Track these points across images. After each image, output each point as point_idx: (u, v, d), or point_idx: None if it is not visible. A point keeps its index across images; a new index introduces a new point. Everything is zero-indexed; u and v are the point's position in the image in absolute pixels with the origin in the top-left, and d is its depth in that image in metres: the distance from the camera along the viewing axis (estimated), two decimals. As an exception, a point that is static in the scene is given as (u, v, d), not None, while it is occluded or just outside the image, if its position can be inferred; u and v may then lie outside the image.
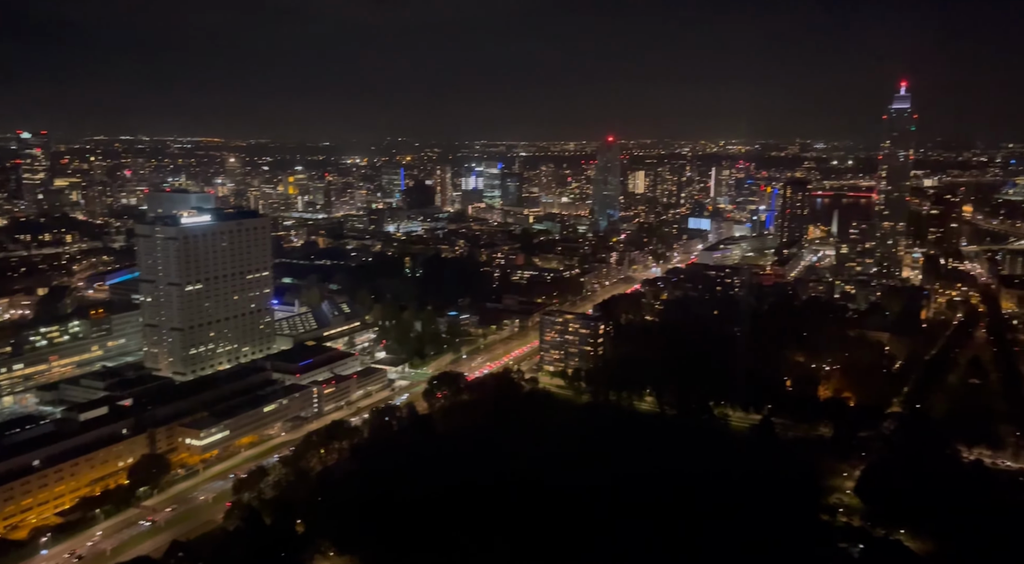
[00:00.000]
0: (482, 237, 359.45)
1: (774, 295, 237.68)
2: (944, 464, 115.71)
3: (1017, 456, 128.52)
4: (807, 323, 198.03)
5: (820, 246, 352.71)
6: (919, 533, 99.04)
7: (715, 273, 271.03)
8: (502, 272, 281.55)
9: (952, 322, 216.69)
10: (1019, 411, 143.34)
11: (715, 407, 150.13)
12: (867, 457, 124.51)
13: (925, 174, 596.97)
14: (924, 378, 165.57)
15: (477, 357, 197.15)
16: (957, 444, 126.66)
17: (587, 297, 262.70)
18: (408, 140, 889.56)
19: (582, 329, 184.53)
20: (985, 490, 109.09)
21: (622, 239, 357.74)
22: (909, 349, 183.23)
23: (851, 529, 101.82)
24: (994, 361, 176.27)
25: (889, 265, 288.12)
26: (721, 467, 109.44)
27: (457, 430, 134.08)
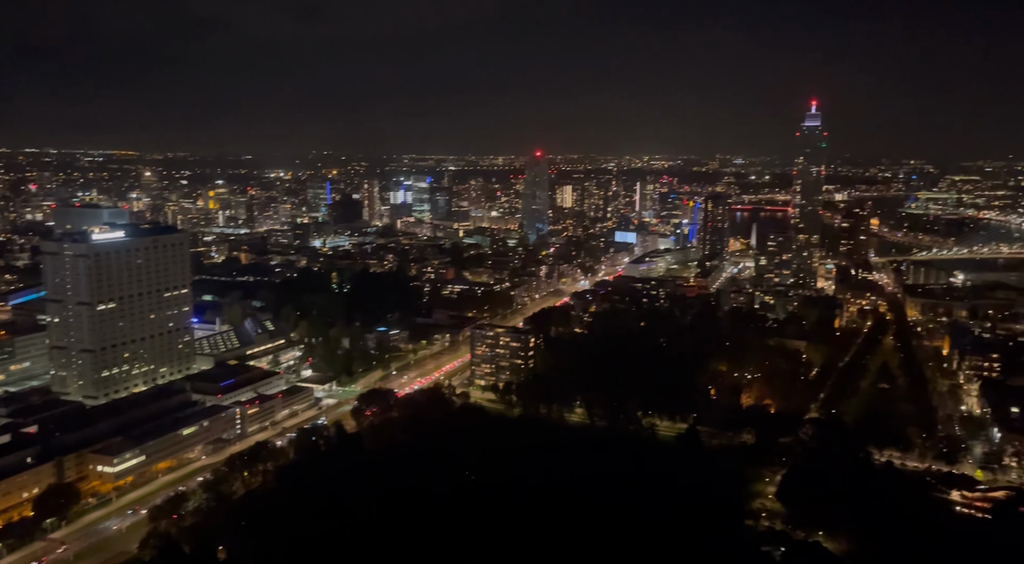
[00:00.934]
0: (411, 251, 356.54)
1: (698, 306, 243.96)
2: (858, 467, 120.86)
3: (923, 457, 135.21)
4: (729, 333, 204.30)
5: (740, 258, 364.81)
6: (836, 534, 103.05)
7: (641, 285, 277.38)
8: (432, 286, 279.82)
9: (863, 330, 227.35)
10: (924, 414, 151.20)
11: (643, 417, 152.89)
12: (787, 462, 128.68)
13: (836, 189, 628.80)
14: (838, 384, 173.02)
15: (407, 373, 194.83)
16: (869, 447, 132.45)
17: (517, 310, 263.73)
18: (334, 154, 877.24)
19: (513, 343, 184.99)
20: (895, 490, 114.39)
21: (551, 253, 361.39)
22: (824, 356, 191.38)
23: (773, 533, 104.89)
24: (901, 366, 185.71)
25: (805, 276, 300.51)
26: (649, 476, 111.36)
27: (387, 448, 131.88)
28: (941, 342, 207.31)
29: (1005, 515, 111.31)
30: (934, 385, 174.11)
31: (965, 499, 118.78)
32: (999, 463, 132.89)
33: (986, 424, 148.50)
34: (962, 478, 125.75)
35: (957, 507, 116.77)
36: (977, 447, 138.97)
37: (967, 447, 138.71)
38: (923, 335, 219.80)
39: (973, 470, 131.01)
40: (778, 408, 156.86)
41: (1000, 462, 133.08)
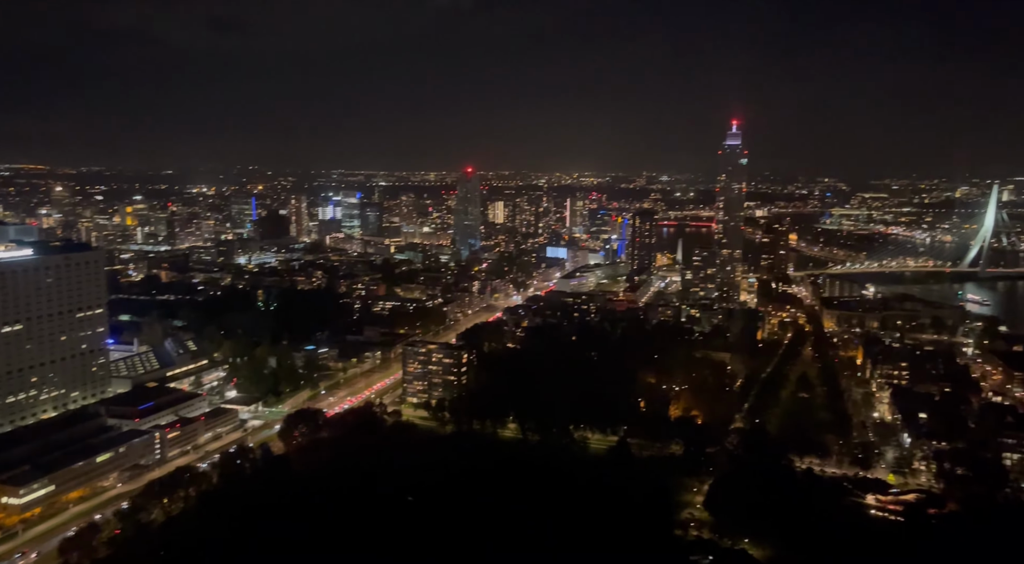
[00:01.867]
0: (341, 268, 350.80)
1: (627, 320, 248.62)
2: (780, 474, 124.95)
3: (840, 463, 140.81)
4: (657, 346, 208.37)
5: (667, 273, 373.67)
6: (761, 541, 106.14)
7: (572, 300, 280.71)
8: (363, 303, 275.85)
9: (783, 341, 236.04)
10: (841, 421, 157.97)
11: (575, 431, 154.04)
12: (714, 472, 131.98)
13: (757, 205, 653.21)
14: (761, 394, 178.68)
15: (337, 392, 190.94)
16: (791, 455, 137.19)
17: (450, 326, 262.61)
18: (260, 169, 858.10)
19: (445, 359, 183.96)
20: (814, 496, 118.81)
21: (484, 268, 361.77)
22: (748, 368, 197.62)
23: (702, 541, 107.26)
24: (819, 376, 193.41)
25: (728, 289, 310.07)
26: (581, 489, 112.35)
27: (316, 469, 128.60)
28: (855, 352, 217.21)
29: (915, 517, 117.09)
30: (849, 393, 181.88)
31: (879, 502, 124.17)
32: (909, 467, 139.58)
33: (897, 430, 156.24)
34: (876, 482, 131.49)
35: (872, 510, 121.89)
36: (889, 452, 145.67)
37: (880, 452, 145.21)
38: (839, 345, 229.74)
39: (886, 474, 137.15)
40: (705, 419, 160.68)
41: (910, 466, 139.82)
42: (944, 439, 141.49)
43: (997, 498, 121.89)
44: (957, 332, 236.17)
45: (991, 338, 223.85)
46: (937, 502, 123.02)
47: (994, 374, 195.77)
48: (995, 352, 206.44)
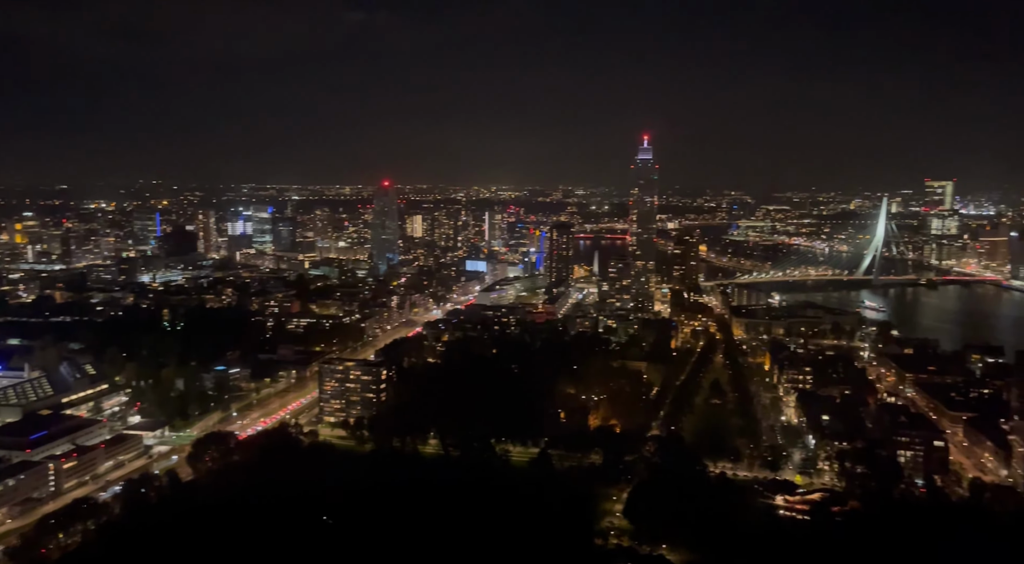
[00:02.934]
0: (253, 285, 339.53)
1: (546, 332, 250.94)
2: (695, 480, 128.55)
3: (752, 466, 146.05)
4: (576, 357, 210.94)
5: (585, 284, 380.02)
6: (678, 545, 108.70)
7: (492, 313, 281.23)
8: (276, 321, 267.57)
9: (696, 349, 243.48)
10: (751, 426, 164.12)
11: (496, 444, 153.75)
12: (633, 479, 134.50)
13: (668, 218, 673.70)
14: (676, 402, 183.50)
15: (250, 414, 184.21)
16: (705, 460, 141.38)
17: (368, 343, 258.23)
18: (164, 183, 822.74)
19: (363, 376, 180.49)
20: (727, 499, 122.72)
21: (402, 283, 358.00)
22: (663, 376, 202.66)
23: (621, 549, 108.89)
24: (730, 382, 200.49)
25: (643, 300, 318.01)
26: (501, 502, 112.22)
27: (228, 494, 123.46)
28: (763, 358, 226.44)
29: (820, 515, 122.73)
30: (758, 398, 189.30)
31: (787, 503, 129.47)
32: (814, 467, 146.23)
33: (802, 432, 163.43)
34: (784, 483, 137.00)
35: (780, 510, 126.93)
36: (796, 454, 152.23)
37: (788, 454, 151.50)
38: (748, 352, 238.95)
39: (793, 475, 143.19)
40: (623, 427, 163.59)
41: (815, 466, 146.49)
42: (845, 439, 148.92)
43: (893, 493, 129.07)
44: (855, 337, 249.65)
45: (885, 342, 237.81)
46: (839, 500, 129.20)
47: (888, 376, 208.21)
48: (888, 355, 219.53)
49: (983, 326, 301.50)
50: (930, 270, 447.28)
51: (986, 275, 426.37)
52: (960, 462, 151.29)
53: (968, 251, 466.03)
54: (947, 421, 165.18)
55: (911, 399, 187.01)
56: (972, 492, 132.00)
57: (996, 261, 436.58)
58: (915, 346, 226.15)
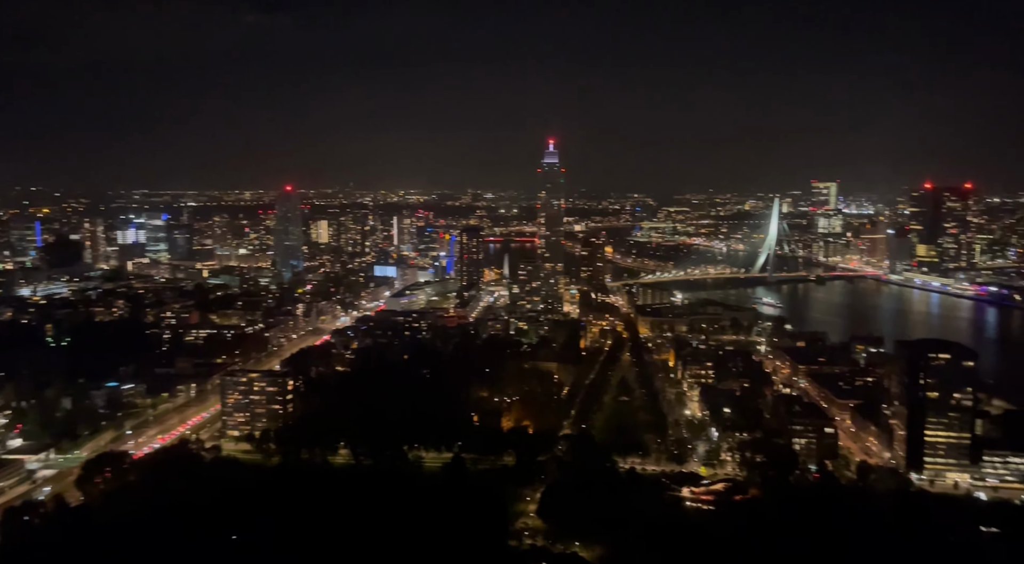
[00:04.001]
0: (147, 295, 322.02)
1: (458, 336, 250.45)
2: (605, 476, 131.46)
3: (659, 460, 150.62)
4: (488, 360, 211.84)
5: (495, 287, 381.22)
6: (591, 542, 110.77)
7: (403, 318, 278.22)
8: (173, 333, 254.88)
9: (604, 348, 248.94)
10: (658, 421, 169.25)
11: (409, 451, 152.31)
12: (546, 479, 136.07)
13: (575, 220, 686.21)
14: (586, 400, 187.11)
15: (146, 431, 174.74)
16: (615, 456, 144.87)
17: (273, 353, 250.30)
18: (45, 190, 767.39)
19: (269, 387, 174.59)
20: (637, 493, 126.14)
21: (308, 290, 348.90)
22: (573, 376, 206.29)
23: (536, 549, 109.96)
24: (637, 379, 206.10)
25: (553, 301, 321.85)
26: (415, 509, 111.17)
27: (123, 517, 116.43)
28: (668, 355, 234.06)
29: (724, 504, 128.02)
30: (664, 394, 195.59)
31: (693, 494, 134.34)
32: (717, 458, 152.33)
33: (706, 425, 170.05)
34: (690, 476, 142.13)
35: (687, 502, 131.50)
36: (700, 446, 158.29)
37: (693, 447, 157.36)
38: (653, 350, 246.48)
39: (698, 467, 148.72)
40: (536, 428, 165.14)
41: (718, 457, 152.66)
42: (745, 430, 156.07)
43: (789, 480, 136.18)
44: (752, 332, 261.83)
45: (779, 336, 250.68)
46: (741, 488, 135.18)
47: (783, 368, 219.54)
48: (783, 348, 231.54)
49: (866, 319, 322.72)
50: (818, 267, 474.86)
51: (868, 270, 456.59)
52: (848, 447, 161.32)
53: (851, 248, 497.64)
54: (836, 409, 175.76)
55: (804, 389, 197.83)
56: (859, 474, 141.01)
57: (876, 257, 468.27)
58: (806, 339, 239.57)
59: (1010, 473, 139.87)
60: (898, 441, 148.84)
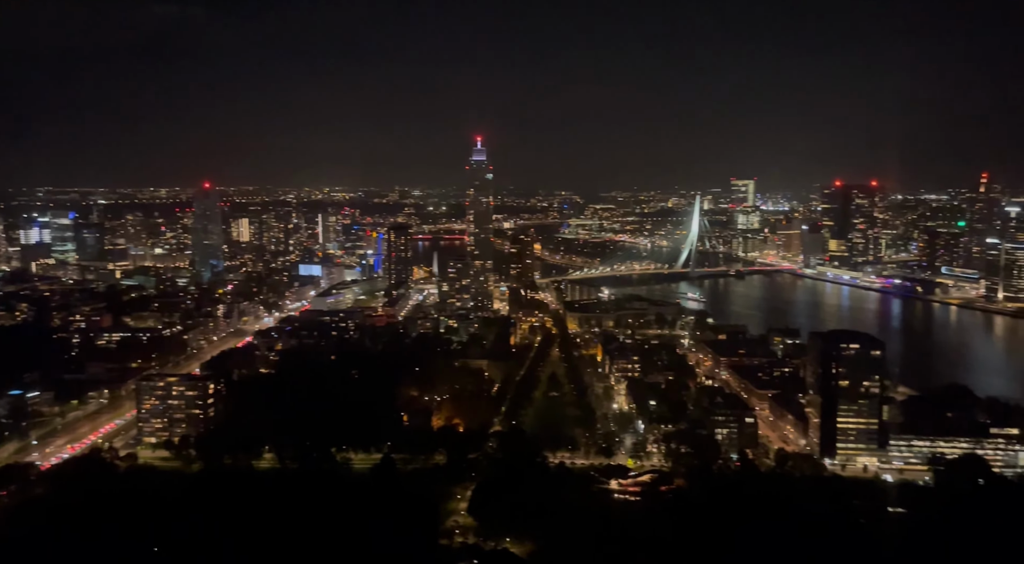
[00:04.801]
0: (54, 298, 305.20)
1: (387, 335, 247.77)
2: (536, 472, 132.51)
3: (588, 454, 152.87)
4: (418, 358, 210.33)
5: (424, 285, 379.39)
6: (522, 538, 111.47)
7: (330, 318, 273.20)
8: (83, 337, 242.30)
9: (534, 345, 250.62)
10: (586, 415, 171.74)
11: (337, 453, 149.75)
12: (477, 477, 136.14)
13: (504, 218, 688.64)
14: (517, 397, 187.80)
15: (54, 440, 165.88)
16: (545, 451, 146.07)
17: (193, 356, 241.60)
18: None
19: (188, 391, 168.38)
20: (566, 488, 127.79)
21: (229, 290, 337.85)
22: (504, 373, 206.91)
23: (467, 547, 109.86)
24: (566, 375, 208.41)
25: (483, 299, 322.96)
26: (343, 512, 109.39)
27: (30, 532, 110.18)
28: (596, 350, 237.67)
29: (650, 495, 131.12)
30: (592, 388, 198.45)
31: (621, 486, 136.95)
32: (644, 450, 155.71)
33: (633, 418, 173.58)
34: (618, 468, 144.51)
35: (615, 494, 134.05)
36: (628, 439, 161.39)
37: (620, 440, 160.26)
38: (581, 345, 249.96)
39: (626, 460, 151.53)
40: (466, 426, 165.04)
41: (645, 449, 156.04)
42: (670, 422, 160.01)
43: (712, 469, 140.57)
44: (676, 326, 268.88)
45: (701, 329, 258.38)
46: (667, 479, 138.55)
47: (705, 361, 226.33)
48: (705, 341, 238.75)
49: (783, 311, 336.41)
50: (738, 262, 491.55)
51: (784, 265, 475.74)
52: (767, 435, 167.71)
53: (769, 244, 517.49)
54: (756, 399, 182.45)
55: (726, 381, 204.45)
56: (777, 461, 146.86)
57: (792, 252, 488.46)
58: (727, 332, 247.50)
59: (914, 456, 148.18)
60: (813, 428, 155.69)
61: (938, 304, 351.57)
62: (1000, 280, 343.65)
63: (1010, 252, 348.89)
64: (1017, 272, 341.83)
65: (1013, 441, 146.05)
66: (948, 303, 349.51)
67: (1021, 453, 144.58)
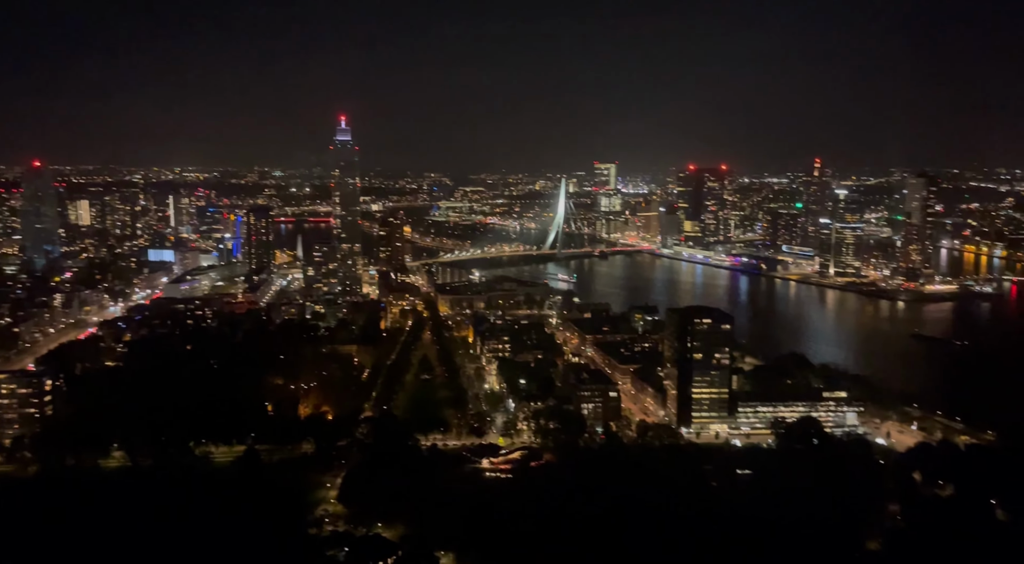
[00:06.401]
0: None
1: (249, 322, 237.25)
2: (407, 455, 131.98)
3: (460, 435, 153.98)
4: (283, 346, 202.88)
5: (289, 270, 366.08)
6: (393, 522, 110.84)
7: (184, 306, 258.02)
8: None
9: (405, 328, 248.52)
10: (458, 396, 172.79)
11: (196, 448, 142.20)
12: (347, 464, 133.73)
13: (372, 200, 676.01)
14: (388, 381, 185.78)
15: None
16: (417, 435, 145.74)
17: (26, 350, 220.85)
18: None
19: (20, 389, 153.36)
20: (439, 469, 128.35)
21: (68, 278, 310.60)
22: (374, 357, 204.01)
23: (337, 535, 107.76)
24: (438, 357, 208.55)
25: (351, 283, 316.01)
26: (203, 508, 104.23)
27: None
28: (467, 331, 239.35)
29: (521, 471, 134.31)
30: (464, 370, 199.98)
31: (492, 464, 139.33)
32: (515, 428, 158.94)
33: (504, 397, 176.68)
34: (489, 447, 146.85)
35: (487, 473, 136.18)
36: (499, 418, 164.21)
37: (491, 419, 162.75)
38: (453, 327, 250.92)
39: (497, 438, 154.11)
40: (336, 413, 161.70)
41: (515, 427, 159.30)
42: (539, 399, 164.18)
43: (579, 443, 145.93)
44: (545, 306, 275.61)
45: (568, 309, 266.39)
46: (536, 455, 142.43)
47: (572, 339, 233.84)
48: (571, 320, 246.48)
49: (643, 290, 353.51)
50: (602, 243, 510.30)
51: (644, 245, 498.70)
52: (630, 408, 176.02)
53: (629, 225, 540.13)
54: (619, 374, 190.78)
55: (591, 357, 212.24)
56: (639, 432, 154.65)
57: (651, 233, 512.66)
58: (592, 310, 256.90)
59: (759, 421, 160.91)
60: (670, 400, 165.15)
61: (779, 280, 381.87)
62: (831, 257, 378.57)
63: (839, 231, 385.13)
64: (845, 249, 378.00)
65: (841, 403, 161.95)
66: (788, 279, 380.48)
67: (848, 413, 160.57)
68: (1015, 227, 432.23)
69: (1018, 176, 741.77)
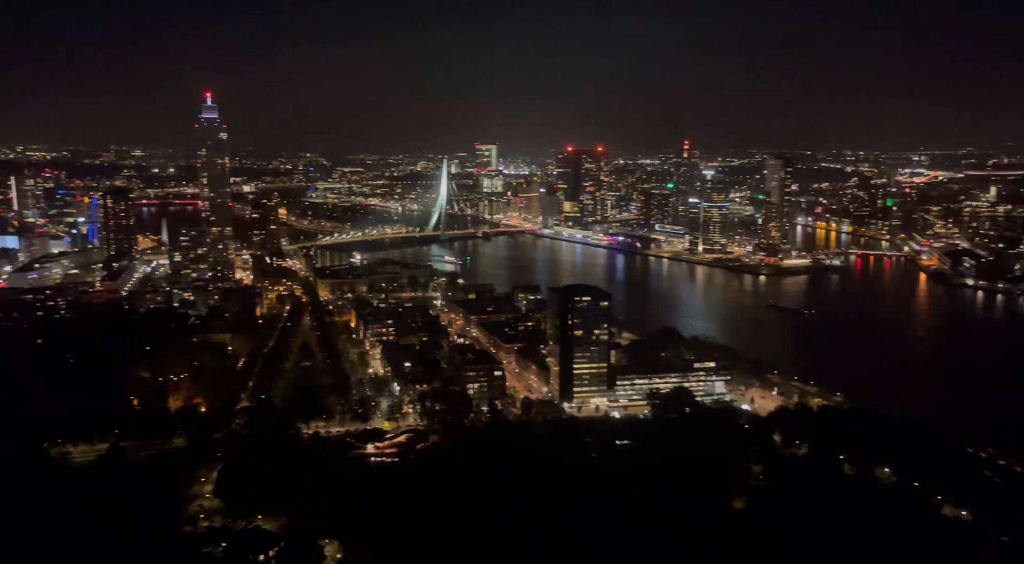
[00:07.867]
0: None
1: (109, 312, 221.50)
2: (288, 444, 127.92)
3: (343, 421, 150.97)
4: (149, 336, 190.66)
5: (153, 256, 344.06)
6: (274, 513, 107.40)
7: (33, 297, 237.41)
8: None
9: (283, 314, 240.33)
10: (341, 382, 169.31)
11: (51, 447, 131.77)
12: (223, 457, 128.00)
13: (243, 181, 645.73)
14: (266, 370, 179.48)
15: None
16: (298, 423, 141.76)
17: None
18: None
19: None
20: (322, 457, 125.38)
21: None
22: (250, 346, 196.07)
23: (213, 530, 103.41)
24: (319, 343, 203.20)
25: (222, 268, 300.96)
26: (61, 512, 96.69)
27: None
28: (349, 316, 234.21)
29: (406, 454, 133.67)
30: (347, 355, 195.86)
31: (378, 449, 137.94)
32: (400, 412, 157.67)
33: (388, 381, 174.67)
34: (374, 432, 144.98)
35: (372, 458, 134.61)
36: (384, 402, 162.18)
37: (376, 404, 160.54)
38: (335, 312, 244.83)
39: (382, 423, 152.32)
40: (210, 405, 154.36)
41: (401, 411, 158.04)
42: (424, 382, 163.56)
43: (465, 423, 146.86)
44: (429, 288, 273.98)
45: (453, 290, 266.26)
46: (422, 437, 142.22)
47: (457, 320, 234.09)
48: (456, 301, 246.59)
49: (526, 269, 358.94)
50: (485, 224, 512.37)
51: (526, 226, 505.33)
52: (515, 386, 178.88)
53: (511, 206, 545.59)
54: (503, 353, 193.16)
55: (476, 338, 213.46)
56: (523, 409, 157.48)
57: (532, 214, 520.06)
58: (477, 292, 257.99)
59: (636, 392, 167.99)
60: (553, 376, 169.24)
61: (653, 258, 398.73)
62: (700, 235, 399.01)
63: (707, 210, 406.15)
64: (712, 228, 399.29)
65: (710, 373, 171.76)
66: (661, 256, 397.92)
67: (717, 382, 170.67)
68: (859, 205, 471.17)
69: (861, 158, 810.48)
